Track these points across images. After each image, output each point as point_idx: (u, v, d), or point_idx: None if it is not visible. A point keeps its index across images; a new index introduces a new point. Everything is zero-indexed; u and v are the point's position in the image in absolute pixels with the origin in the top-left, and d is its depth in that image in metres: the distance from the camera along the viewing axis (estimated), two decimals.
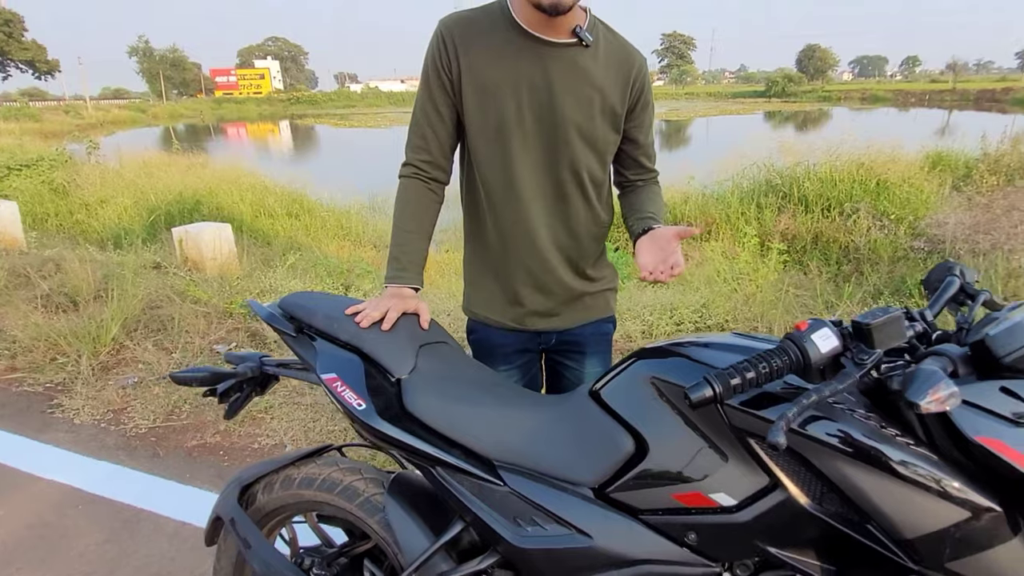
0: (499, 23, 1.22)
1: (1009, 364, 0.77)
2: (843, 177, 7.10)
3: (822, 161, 7.48)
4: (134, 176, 9.35)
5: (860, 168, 7.29)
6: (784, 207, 6.90)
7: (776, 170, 7.61)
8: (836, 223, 6.18)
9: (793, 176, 7.30)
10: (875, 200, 6.63)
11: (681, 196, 7.24)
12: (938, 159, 8.63)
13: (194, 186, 8.54)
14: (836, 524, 0.83)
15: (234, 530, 1.26)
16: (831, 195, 6.78)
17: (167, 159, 11.32)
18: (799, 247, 6.00)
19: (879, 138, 8.22)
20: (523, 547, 1.01)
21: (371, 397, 1.10)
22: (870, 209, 6.15)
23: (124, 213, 7.94)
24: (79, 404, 2.90)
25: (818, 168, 7.33)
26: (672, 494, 0.93)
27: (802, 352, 0.79)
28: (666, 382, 0.94)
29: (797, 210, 6.76)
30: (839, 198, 6.68)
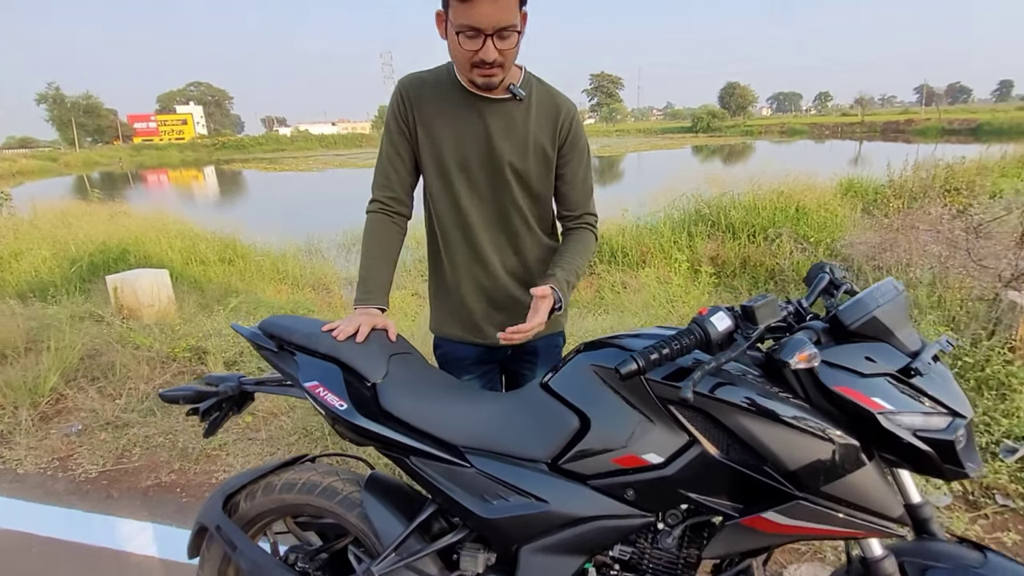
0: (446, 83, 1.45)
1: (855, 330, 1.03)
2: (765, 205, 7.77)
3: (746, 191, 8.15)
4: (51, 227, 9.00)
5: (780, 196, 7.99)
6: (713, 235, 7.43)
7: (704, 200, 8.19)
8: (761, 247, 6.69)
9: (720, 205, 7.88)
10: (795, 225, 7.27)
11: (617, 228, 7.64)
12: (850, 186, 9.58)
13: (118, 235, 8.29)
14: (740, 468, 1.06)
15: (219, 536, 1.38)
16: (755, 222, 7.36)
17: (87, 208, 10.96)
18: (729, 271, 6.45)
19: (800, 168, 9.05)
20: (490, 518, 1.19)
21: (351, 399, 1.26)
22: (791, 233, 6.74)
23: (42, 265, 7.61)
24: (21, 454, 2.85)
25: (742, 197, 7.98)
26: (612, 459, 1.13)
27: (704, 331, 1.02)
28: (603, 367, 1.16)
29: (725, 237, 7.29)
30: (763, 224, 7.27)
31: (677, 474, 1.09)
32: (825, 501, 1.01)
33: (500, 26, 1.24)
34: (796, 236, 6.83)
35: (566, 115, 1.50)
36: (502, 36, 1.26)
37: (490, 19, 1.23)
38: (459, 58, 1.33)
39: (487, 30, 1.24)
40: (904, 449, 0.98)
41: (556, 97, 1.51)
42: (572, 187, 1.56)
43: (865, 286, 1.12)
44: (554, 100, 1.50)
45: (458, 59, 1.34)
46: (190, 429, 3.03)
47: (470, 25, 1.23)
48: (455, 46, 1.30)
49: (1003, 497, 2.28)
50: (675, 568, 1.16)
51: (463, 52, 1.29)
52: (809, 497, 1.02)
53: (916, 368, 0.98)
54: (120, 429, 3.05)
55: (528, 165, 1.48)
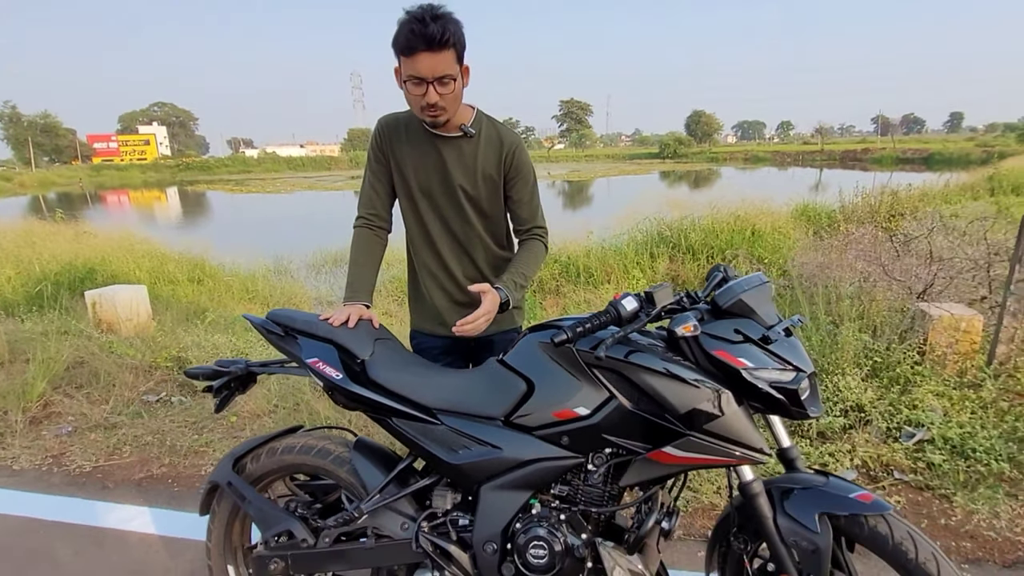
0: (413, 123, 1.77)
1: (727, 309, 1.38)
2: (723, 228, 8.30)
3: (705, 214, 8.68)
4: (13, 247, 8.98)
5: (737, 220, 8.54)
6: (674, 255, 7.89)
7: (666, 223, 8.69)
8: None
9: (681, 228, 8.38)
10: (751, 247, 7.80)
11: (583, 249, 8.03)
12: (805, 211, 10.25)
13: (84, 255, 8.32)
14: (646, 415, 1.38)
15: (230, 490, 1.65)
16: (714, 243, 7.85)
17: (52, 228, 10.93)
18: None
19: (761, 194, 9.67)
20: (457, 463, 1.50)
21: (345, 371, 1.56)
22: (747, 255, 7.24)
23: (7, 284, 7.64)
24: (15, 453, 3.03)
25: (702, 221, 8.50)
26: (552, 412, 1.45)
27: (616, 310, 1.35)
28: (544, 342, 1.48)
29: (685, 258, 7.76)
30: (720, 246, 7.76)
31: (600, 423, 1.42)
32: (708, 437, 1.35)
33: (438, 75, 1.56)
34: (751, 257, 7.34)
35: (509, 147, 1.81)
36: (442, 83, 1.58)
37: (430, 70, 1.55)
38: (411, 103, 1.66)
39: (428, 78, 1.56)
40: (763, 397, 1.33)
41: (502, 132, 1.83)
42: (520, 206, 1.87)
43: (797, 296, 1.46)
44: (500, 135, 1.82)
45: (411, 104, 1.67)
46: (177, 429, 3.25)
47: (414, 75, 1.56)
48: (407, 93, 1.63)
49: (899, 472, 2.66)
50: (602, 499, 1.48)
51: (412, 97, 1.62)
52: (696, 434, 1.35)
53: (770, 336, 1.34)
54: (109, 430, 3.25)
55: (479, 191, 1.80)
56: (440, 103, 1.60)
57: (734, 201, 9.30)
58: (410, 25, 1.50)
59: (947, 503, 2.44)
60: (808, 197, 11.45)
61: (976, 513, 2.35)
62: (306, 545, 1.61)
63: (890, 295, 4.26)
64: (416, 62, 1.53)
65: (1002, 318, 3.43)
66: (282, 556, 1.61)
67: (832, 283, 4.84)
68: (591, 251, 8.09)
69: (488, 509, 1.49)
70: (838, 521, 1.33)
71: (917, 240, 4.78)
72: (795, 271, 6.29)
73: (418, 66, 1.54)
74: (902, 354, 3.38)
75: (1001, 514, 2.34)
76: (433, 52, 1.52)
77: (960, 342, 3.49)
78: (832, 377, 3.21)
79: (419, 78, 1.56)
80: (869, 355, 3.40)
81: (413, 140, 1.77)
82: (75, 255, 8.37)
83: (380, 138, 1.79)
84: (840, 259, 5.20)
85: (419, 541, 1.53)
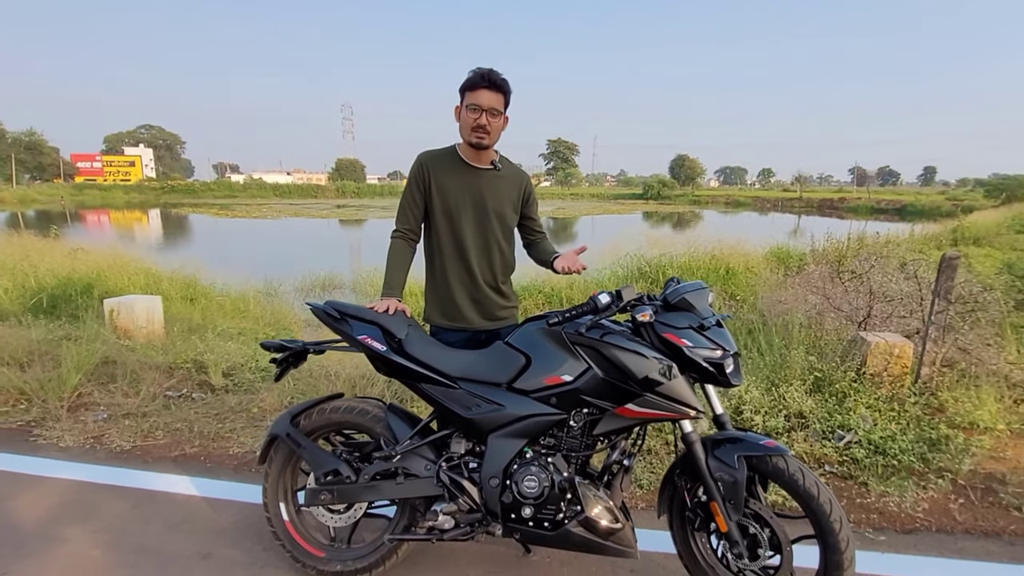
0: (453, 158, 2.29)
1: (674, 304, 1.88)
2: (699, 265, 8.92)
3: (682, 252, 9.31)
4: (11, 260, 9.23)
5: (712, 259, 9.18)
6: (652, 289, 8.45)
7: (645, 260, 9.30)
8: None
9: (659, 264, 8.99)
10: (724, 284, 8.40)
11: (567, 282, 8.59)
12: (779, 252, 10.98)
13: (81, 270, 8.61)
14: (614, 381, 1.87)
15: (288, 440, 2.09)
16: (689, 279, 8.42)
17: (47, 244, 11.19)
18: None
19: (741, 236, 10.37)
20: (470, 417, 1.97)
21: (387, 345, 2.03)
22: (720, 292, 7.80)
23: (4, 295, 7.89)
24: (59, 434, 3.40)
25: (679, 258, 9.12)
26: (544, 379, 1.93)
27: (594, 302, 1.85)
28: (539, 327, 1.97)
29: None
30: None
31: (580, 387, 1.90)
32: (659, 397, 1.83)
33: (491, 107, 2.14)
34: (724, 294, 7.93)
35: (526, 182, 2.41)
36: (492, 114, 2.16)
37: (487, 101, 2.13)
38: (466, 124, 2.19)
39: (484, 106, 2.13)
40: (699, 368, 1.82)
41: (519, 171, 2.41)
42: (533, 221, 2.48)
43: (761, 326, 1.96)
44: (518, 172, 2.40)
45: (465, 125, 2.20)
46: (202, 419, 3.64)
47: (474, 103, 2.13)
48: (465, 116, 2.18)
49: (829, 466, 3.15)
50: (579, 446, 1.95)
51: (468, 119, 2.17)
52: (650, 395, 1.84)
53: (705, 324, 1.84)
54: (141, 418, 3.63)
55: (504, 210, 2.33)
56: (488, 127, 2.17)
57: (711, 241, 10.00)
58: (479, 72, 2.14)
59: (865, 489, 2.93)
60: (785, 241, 12.25)
61: (886, 496, 2.84)
62: (349, 481, 2.05)
63: (838, 324, 4.83)
64: (477, 95, 2.14)
65: (925, 344, 4.00)
66: (330, 489, 2.05)
67: (789, 314, 5.42)
68: (574, 283, 8.63)
69: (493, 453, 1.96)
70: (751, 460, 1.82)
71: (859, 277, 5.38)
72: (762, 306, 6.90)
73: (478, 98, 2.14)
74: (842, 373, 3.91)
75: (907, 497, 2.83)
76: (491, 91, 2.14)
77: (893, 365, 4.03)
78: (780, 388, 3.72)
79: (477, 106, 2.14)
80: (812, 372, 3.93)
81: (454, 171, 2.29)
82: (72, 270, 8.66)
83: (422, 168, 2.30)
84: (796, 294, 5.79)
85: (439, 477, 1.99)
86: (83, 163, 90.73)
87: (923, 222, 22.15)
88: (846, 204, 51.85)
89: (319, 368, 4.16)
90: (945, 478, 2.97)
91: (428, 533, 2.02)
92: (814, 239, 10.50)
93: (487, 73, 2.15)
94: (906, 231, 16.16)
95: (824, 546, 1.76)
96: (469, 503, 1.98)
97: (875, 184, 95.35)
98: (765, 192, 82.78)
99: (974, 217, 22.28)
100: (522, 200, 2.41)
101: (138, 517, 2.57)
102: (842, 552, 1.73)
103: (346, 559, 2.13)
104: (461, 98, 2.20)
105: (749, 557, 1.86)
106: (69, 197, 59.94)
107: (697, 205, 60.49)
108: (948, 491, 2.90)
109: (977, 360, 4.25)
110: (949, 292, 3.97)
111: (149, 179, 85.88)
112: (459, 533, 2.00)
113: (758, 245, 11.21)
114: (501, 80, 2.15)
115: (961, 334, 4.44)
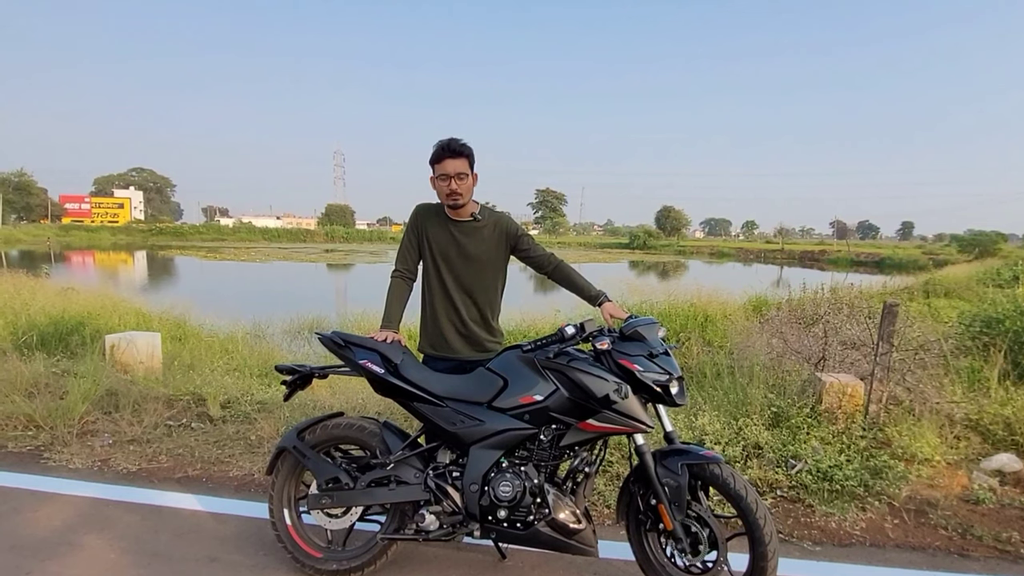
0: (440, 213, 2.66)
1: (628, 336, 2.24)
2: (678, 313, 9.34)
3: (662, 299, 9.74)
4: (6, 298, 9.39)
5: (691, 306, 9.63)
6: None
7: (627, 306, 9.70)
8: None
9: (639, 311, 9.39)
10: (702, 331, 8.80)
11: (552, 325, 8.92)
12: (758, 301, 11.47)
13: (72, 310, 8.79)
14: (578, 400, 2.20)
15: (295, 452, 2.39)
16: (669, 326, 8.82)
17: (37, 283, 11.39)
18: None
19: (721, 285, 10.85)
20: (455, 432, 2.29)
21: (385, 369, 2.36)
22: (698, 338, 8.20)
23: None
24: (68, 456, 3.64)
25: (659, 305, 9.54)
26: (519, 398, 2.26)
27: (561, 333, 2.21)
28: (516, 354, 2.32)
29: None
30: (675, 328, 8.74)
31: (550, 405, 2.23)
32: (615, 414, 2.17)
33: (457, 172, 2.49)
34: (703, 340, 8.32)
35: (508, 225, 2.71)
36: (460, 178, 2.51)
37: (452, 169, 2.48)
38: (440, 192, 2.56)
39: (450, 173, 2.49)
40: (649, 389, 2.17)
41: (501, 218, 2.73)
42: (535, 253, 2.76)
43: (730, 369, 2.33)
44: (500, 219, 2.72)
45: (439, 194, 2.57)
46: (202, 445, 3.88)
47: (442, 173, 2.49)
48: (438, 186, 2.54)
49: (781, 491, 3.47)
50: (548, 457, 2.26)
51: (440, 188, 2.53)
52: (608, 411, 2.17)
53: (654, 352, 2.20)
54: (145, 444, 3.88)
55: (487, 256, 2.67)
56: (458, 190, 2.52)
57: (690, 289, 10.48)
58: (441, 144, 2.49)
59: (810, 510, 3.24)
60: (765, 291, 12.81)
61: (829, 516, 3.16)
62: (348, 487, 2.34)
63: (796, 365, 5.21)
64: (444, 165, 2.48)
65: (872, 383, 4.37)
66: (330, 495, 2.35)
67: (753, 356, 5.79)
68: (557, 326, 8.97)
69: (474, 462, 2.27)
70: (693, 468, 2.15)
71: (815, 322, 5.80)
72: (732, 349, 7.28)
73: (445, 167, 2.49)
74: (797, 409, 4.26)
75: (847, 517, 3.15)
76: (454, 158, 2.48)
77: (846, 403, 4.39)
78: (739, 421, 4.06)
79: (445, 174, 2.49)
80: (771, 407, 4.27)
81: (441, 224, 2.66)
82: (63, 309, 8.85)
83: (417, 219, 2.68)
84: (761, 338, 6.18)
85: (427, 484, 2.30)
86: (71, 204, 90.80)
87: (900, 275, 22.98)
88: (826, 256, 52.99)
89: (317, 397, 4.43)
90: (883, 501, 3.30)
91: (416, 533, 2.31)
92: (791, 290, 11.06)
93: (448, 144, 2.49)
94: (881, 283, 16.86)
95: (752, 540, 2.08)
96: (452, 506, 2.28)
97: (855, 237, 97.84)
98: (748, 243, 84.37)
99: (947, 271, 23.15)
100: (510, 241, 2.70)
101: (148, 528, 2.82)
102: (766, 544, 2.05)
103: (341, 559, 2.41)
104: (432, 170, 2.54)
105: (691, 553, 2.17)
106: (55, 238, 59.73)
107: (682, 255, 61.59)
108: (885, 513, 3.22)
109: (922, 399, 4.62)
110: (891, 336, 4.38)
111: (137, 221, 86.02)
112: (442, 534, 2.29)
113: (738, 294, 11.76)
114: (460, 146, 2.49)
115: (908, 374, 4.83)
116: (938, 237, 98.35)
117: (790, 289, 11.10)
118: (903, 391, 4.69)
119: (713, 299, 10.62)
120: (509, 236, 2.72)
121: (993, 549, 2.89)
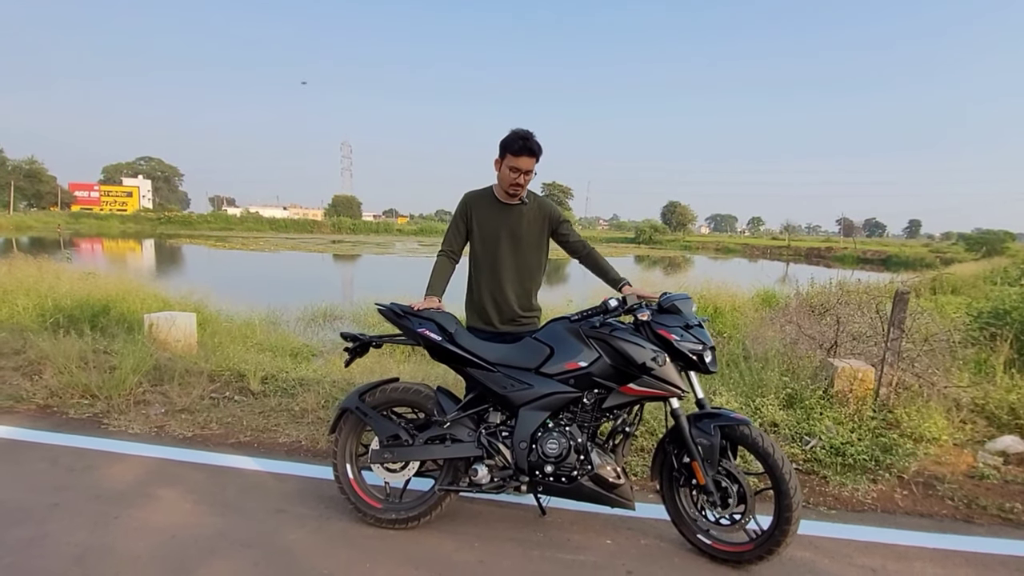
0: (490, 197, 2.88)
1: (666, 309, 2.46)
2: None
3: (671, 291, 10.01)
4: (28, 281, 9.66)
5: (700, 299, 9.84)
6: None
7: None
8: None
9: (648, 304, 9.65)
10: (712, 322, 9.03)
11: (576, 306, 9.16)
12: (766, 295, 11.70)
13: (96, 294, 9.05)
14: (619, 366, 2.42)
15: (357, 411, 2.62)
16: None
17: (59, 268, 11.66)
18: None
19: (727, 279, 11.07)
20: (506, 395, 2.51)
21: (442, 337, 2.58)
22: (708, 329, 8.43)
23: (23, 312, 8.29)
24: (126, 423, 3.88)
25: None
26: (565, 364, 2.48)
27: (604, 305, 2.43)
28: (561, 325, 2.53)
29: None
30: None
31: (593, 371, 2.45)
32: (653, 379, 2.39)
33: (528, 169, 2.71)
34: (712, 331, 8.56)
35: (551, 210, 2.95)
36: (527, 175, 2.73)
37: (526, 166, 2.70)
38: (504, 180, 2.77)
39: (523, 170, 2.71)
40: (685, 357, 2.38)
41: (543, 203, 2.96)
42: (574, 239, 3.00)
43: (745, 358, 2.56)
44: (543, 204, 2.95)
45: (503, 180, 2.78)
46: (248, 416, 4.12)
47: (516, 167, 2.70)
48: (505, 174, 2.75)
49: (796, 464, 3.68)
50: (591, 418, 2.49)
51: (507, 176, 2.74)
52: (646, 377, 2.39)
53: (689, 323, 2.41)
54: (195, 413, 4.12)
55: (533, 237, 2.90)
56: (523, 185, 2.75)
57: (698, 283, 10.70)
58: (524, 139, 2.66)
59: (824, 481, 3.46)
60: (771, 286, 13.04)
61: (842, 486, 3.38)
62: (407, 444, 2.57)
63: (809, 351, 5.42)
64: (519, 160, 2.68)
65: (883, 368, 4.58)
66: (391, 450, 2.58)
67: (768, 341, 6.00)
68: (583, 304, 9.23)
69: (523, 422, 2.49)
70: (723, 429, 2.37)
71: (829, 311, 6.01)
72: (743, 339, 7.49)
73: (519, 163, 2.69)
74: (811, 391, 4.47)
75: (860, 488, 3.36)
76: (531, 158, 2.68)
77: (857, 387, 4.59)
78: (756, 401, 4.27)
79: (518, 169, 2.69)
80: (786, 389, 4.49)
81: (491, 207, 2.88)
82: (87, 293, 9.12)
83: (467, 205, 2.90)
84: (775, 326, 6.39)
85: (480, 441, 2.52)
86: (80, 192, 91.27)
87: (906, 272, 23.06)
88: (833, 253, 52.78)
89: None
90: (892, 474, 3.51)
91: (469, 486, 2.53)
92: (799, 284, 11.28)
93: (531, 143, 2.66)
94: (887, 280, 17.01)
95: (778, 493, 2.30)
96: (503, 461, 2.51)
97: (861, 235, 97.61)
98: (754, 240, 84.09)
99: (954, 268, 23.24)
100: (552, 225, 2.94)
101: (216, 484, 3.06)
102: (791, 497, 2.26)
103: (400, 509, 2.64)
104: (502, 154, 2.72)
105: (721, 506, 2.39)
106: (65, 225, 60.31)
107: (688, 250, 61.60)
108: (894, 485, 3.44)
109: (930, 384, 4.83)
110: (902, 322, 4.58)
111: (146, 209, 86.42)
112: (493, 487, 2.52)
113: (746, 288, 11.98)
114: (539, 148, 2.69)
115: (917, 362, 5.03)
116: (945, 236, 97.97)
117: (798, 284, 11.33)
118: (912, 377, 4.89)
119: (722, 292, 10.86)
120: (552, 220, 2.95)
121: (997, 517, 3.10)
